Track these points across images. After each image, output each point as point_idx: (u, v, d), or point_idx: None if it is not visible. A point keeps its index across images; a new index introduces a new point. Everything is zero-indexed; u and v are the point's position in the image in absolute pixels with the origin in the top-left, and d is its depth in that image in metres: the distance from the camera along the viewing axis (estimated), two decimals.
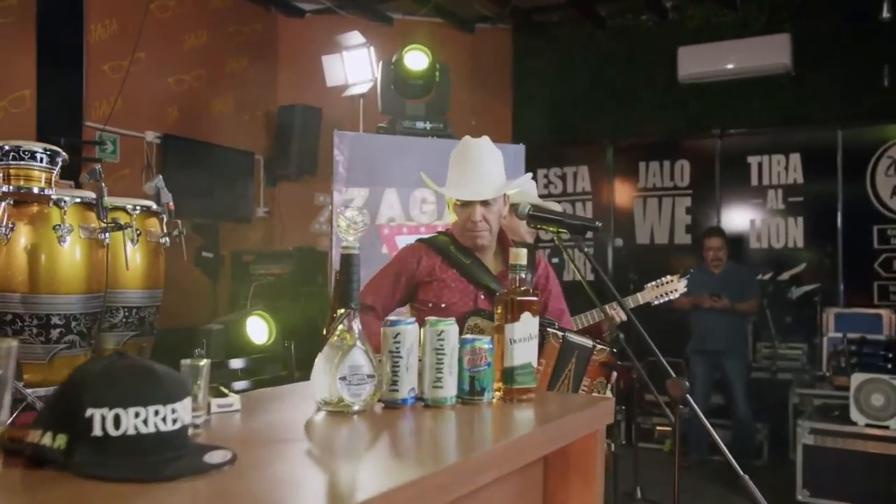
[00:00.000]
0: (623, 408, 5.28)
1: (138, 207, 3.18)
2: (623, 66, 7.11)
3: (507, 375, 1.48)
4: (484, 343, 1.42)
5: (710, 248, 5.74)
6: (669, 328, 6.83)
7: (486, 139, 2.37)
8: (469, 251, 2.33)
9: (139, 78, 5.62)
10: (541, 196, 7.72)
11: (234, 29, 6.63)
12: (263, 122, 6.90)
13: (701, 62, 6.49)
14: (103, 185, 2.76)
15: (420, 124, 4.03)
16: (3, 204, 2.54)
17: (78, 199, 2.75)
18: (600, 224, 2.07)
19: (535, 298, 1.53)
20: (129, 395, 0.91)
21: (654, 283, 3.55)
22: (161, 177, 3.36)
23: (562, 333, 2.10)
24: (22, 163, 2.50)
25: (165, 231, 3.29)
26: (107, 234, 2.84)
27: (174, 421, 0.94)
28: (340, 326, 1.29)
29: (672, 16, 6.94)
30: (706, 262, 5.76)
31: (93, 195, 2.77)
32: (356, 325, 1.31)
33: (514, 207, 2.26)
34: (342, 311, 1.30)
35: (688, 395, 1.87)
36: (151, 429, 0.91)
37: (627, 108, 7.07)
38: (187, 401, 0.97)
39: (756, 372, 6.06)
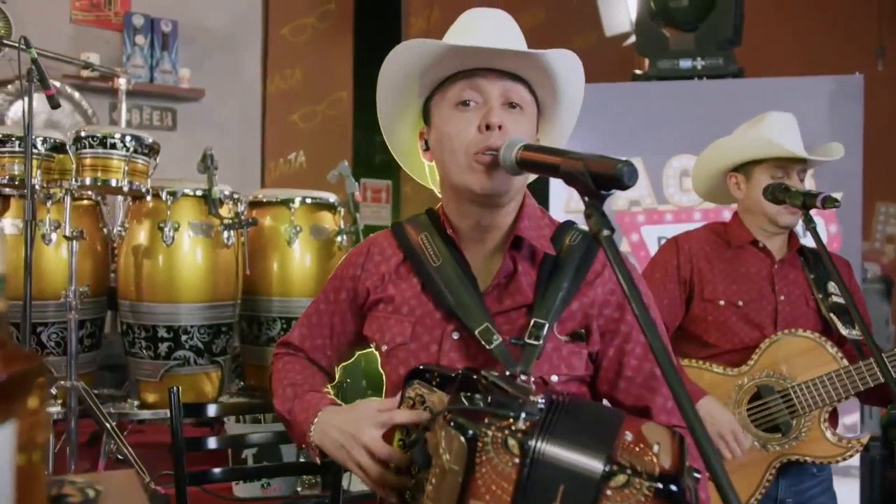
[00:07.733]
0: None
1: (308, 199, 2.70)
2: None
3: None
4: None
5: None
6: None
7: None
8: (451, 239, 1.20)
9: None
10: None
11: (579, 1, 5.87)
12: None
13: None
14: (215, 173, 2.31)
15: (686, 63, 2.68)
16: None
17: (187, 192, 2.34)
18: (624, 168, 0.83)
19: None
20: None
21: None
22: (346, 163, 2.82)
23: (525, 443, 0.85)
24: (100, 151, 2.15)
25: (342, 227, 2.75)
26: (229, 233, 2.39)
27: None
28: None
29: None
30: None
31: (198, 186, 2.34)
32: None
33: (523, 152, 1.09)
34: None
35: None
36: None
37: None
38: None
39: None
